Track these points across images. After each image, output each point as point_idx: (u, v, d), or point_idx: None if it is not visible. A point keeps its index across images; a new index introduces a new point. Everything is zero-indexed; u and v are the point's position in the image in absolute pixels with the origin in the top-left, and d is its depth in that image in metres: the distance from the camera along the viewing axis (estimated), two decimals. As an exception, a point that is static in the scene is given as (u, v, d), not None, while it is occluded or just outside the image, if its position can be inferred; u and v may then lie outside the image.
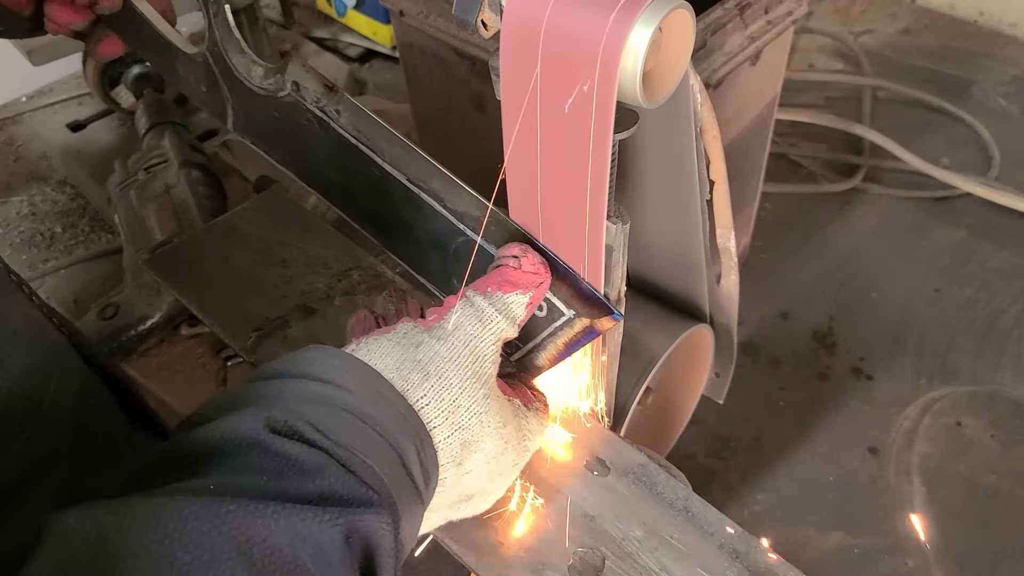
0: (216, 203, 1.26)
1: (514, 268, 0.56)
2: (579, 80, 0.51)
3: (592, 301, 0.58)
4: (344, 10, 1.71)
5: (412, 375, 0.51)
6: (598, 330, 0.59)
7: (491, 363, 0.54)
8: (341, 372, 0.50)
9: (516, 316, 0.55)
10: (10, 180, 1.52)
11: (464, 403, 0.52)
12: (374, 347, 0.53)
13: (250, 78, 0.67)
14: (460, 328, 0.54)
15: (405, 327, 0.54)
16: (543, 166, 0.59)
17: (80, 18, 0.79)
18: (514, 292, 0.55)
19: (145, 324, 1.15)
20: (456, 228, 0.61)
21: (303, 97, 0.65)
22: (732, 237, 0.88)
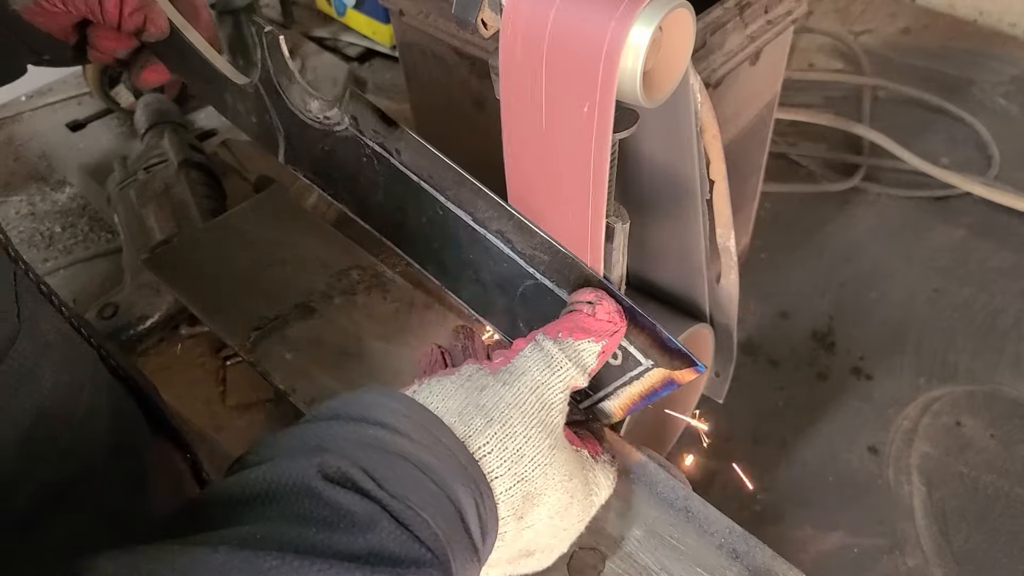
0: (215, 203, 1.26)
1: (588, 315, 0.54)
2: (579, 79, 0.51)
3: (672, 351, 0.55)
4: (344, 9, 1.71)
5: (475, 421, 0.49)
6: (678, 382, 0.56)
7: (558, 412, 0.52)
8: (400, 416, 0.48)
9: (587, 364, 0.53)
10: (9, 179, 1.52)
11: (528, 453, 0.49)
12: (436, 389, 0.51)
13: (305, 111, 0.65)
14: (528, 373, 0.51)
15: (470, 369, 0.52)
16: (542, 166, 0.59)
17: (124, 45, 0.76)
18: (586, 339, 0.53)
19: (144, 324, 1.15)
20: (525, 271, 0.59)
21: (361, 131, 0.62)
22: (732, 236, 0.88)
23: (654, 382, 0.57)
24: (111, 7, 0.69)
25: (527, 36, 0.51)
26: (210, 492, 0.44)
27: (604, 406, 0.61)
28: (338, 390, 0.94)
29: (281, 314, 1.02)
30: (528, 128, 0.57)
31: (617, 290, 0.55)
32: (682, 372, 0.56)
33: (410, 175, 0.61)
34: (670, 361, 0.56)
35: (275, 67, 0.65)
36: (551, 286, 0.58)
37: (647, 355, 0.56)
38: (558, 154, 0.57)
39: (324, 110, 0.64)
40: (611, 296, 0.55)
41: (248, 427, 1.07)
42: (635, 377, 0.58)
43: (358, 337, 1.00)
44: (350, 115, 0.62)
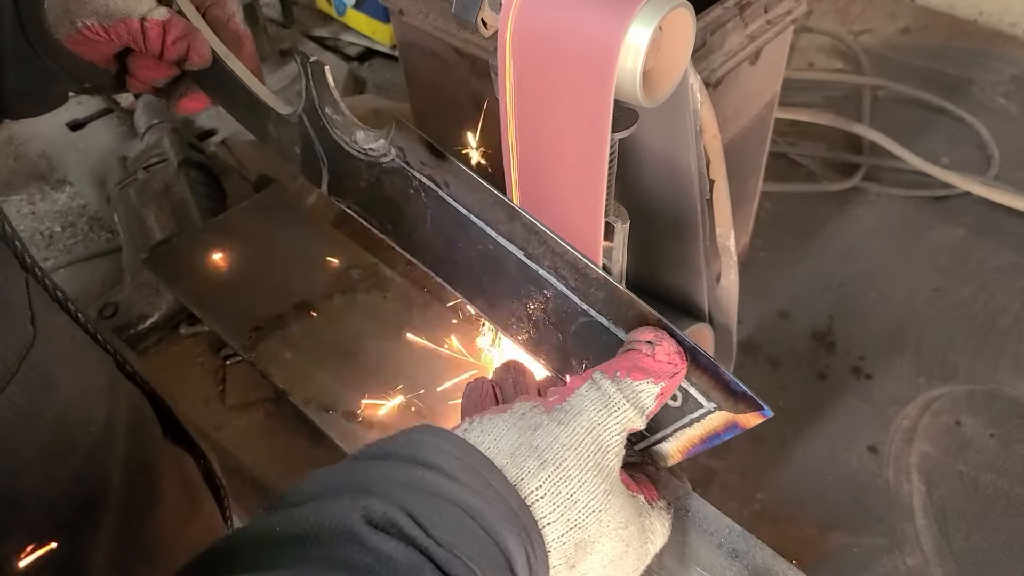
0: (215, 202, 1.26)
1: (647, 355, 0.52)
2: (579, 79, 0.51)
3: (737, 394, 0.53)
4: (344, 9, 1.71)
5: (527, 462, 0.47)
6: (743, 426, 0.54)
7: (615, 455, 0.50)
8: (450, 458, 0.46)
9: (645, 406, 0.51)
10: (10, 179, 1.52)
11: (583, 498, 0.47)
12: (488, 428, 0.49)
13: (350, 142, 0.64)
14: (583, 413, 0.49)
15: (523, 407, 0.50)
16: (542, 165, 0.59)
17: (163, 74, 0.76)
18: (645, 380, 0.51)
19: (144, 323, 1.15)
20: (579, 308, 0.57)
21: (408, 163, 0.61)
22: (732, 236, 0.88)
23: (716, 425, 0.55)
24: (154, 36, 0.68)
25: (527, 36, 0.51)
26: (251, 528, 0.43)
27: (661, 448, 0.58)
28: (338, 389, 0.94)
29: (281, 313, 1.02)
30: (528, 128, 0.57)
31: (677, 330, 0.53)
32: (747, 416, 0.53)
33: (459, 208, 0.60)
34: (734, 404, 0.53)
35: (320, 98, 0.65)
36: (607, 324, 0.56)
37: (709, 397, 0.54)
38: (558, 153, 0.57)
39: (370, 141, 0.63)
40: (671, 336, 0.53)
41: (248, 426, 1.07)
42: (695, 420, 0.55)
43: (358, 336, 1.00)
44: (397, 146, 0.61)
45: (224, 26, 0.76)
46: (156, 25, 0.68)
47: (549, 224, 0.57)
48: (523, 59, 0.52)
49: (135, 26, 0.68)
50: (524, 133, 0.58)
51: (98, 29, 0.68)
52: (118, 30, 0.68)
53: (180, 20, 0.70)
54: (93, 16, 0.67)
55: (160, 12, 0.68)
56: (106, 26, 0.68)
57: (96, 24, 0.68)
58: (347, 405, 0.93)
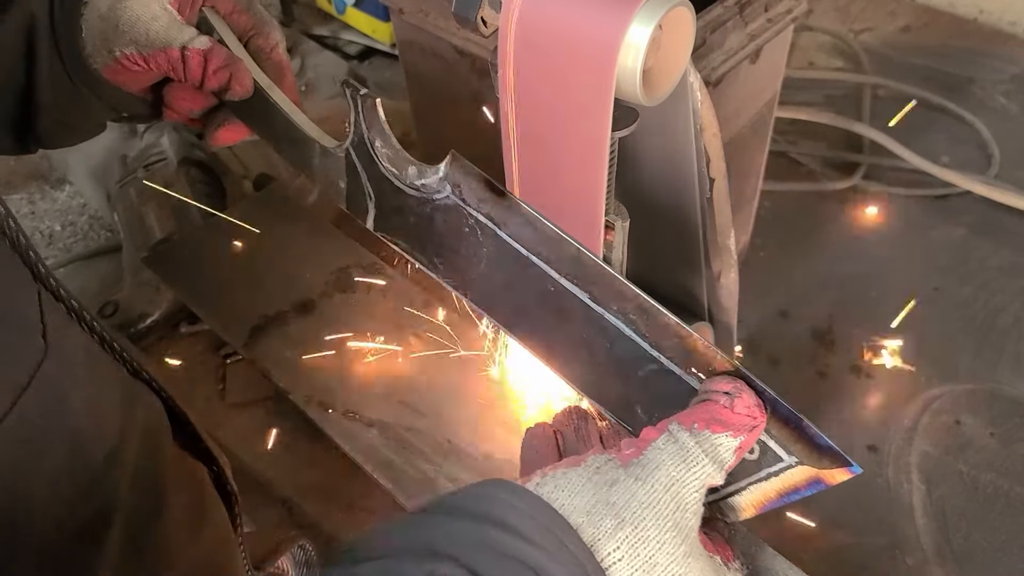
0: (215, 201, 1.26)
1: (725, 407, 0.49)
2: (579, 78, 0.51)
3: (822, 448, 0.50)
4: (344, 8, 1.71)
5: (604, 522, 0.44)
6: (827, 483, 0.51)
7: (693, 514, 0.47)
8: (524, 517, 0.43)
9: (724, 461, 0.48)
10: (10, 178, 1.52)
11: (662, 561, 0.45)
12: (563, 484, 0.46)
13: (401, 177, 0.62)
14: (661, 468, 0.47)
15: (598, 460, 0.48)
16: (542, 164, 0.59)
17: (201, 105, 0.73)
18: (724, 433, 0.48)
19: (145, 322, 1.15)
20: (648, 355, 0.55)
21: (465, 200, 0.59)
22: (732, 235, 0.88)
23: (796, 480, 0.52)
24: (195, 65, 0.66)
25: (527, 34, 0.51)
26: None
27: (733, 501, 0.55)
28: (337, 388, 0.94)
29: (281, 312, 1.02)
30: (528, 127, 0.57)
31: (756, 379, 0.51)
32: (832, 472, 0.50)
33: (519, 248, 0.58)
34: (818, 459, 0.51)
35: (370, 131, 0.63)
36: (678, 372, 0.54)
37: (790, 451, 0.51)
38: (557, 152, 0.57)
39: (423, 176, 0.61)
40: (750, 386, 0.51)
41: (247, 424, 1.07)
42: (773, 474, 0.53)
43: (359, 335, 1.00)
44: (452, 183, 0.59)
45: (267, 56, 0.74)
46: (197, 54, 0.66)
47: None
48: (523, 58, 0.52)
49: (175, 55, 0.66)
50: (524, 132, 0.58)
51: (137, 58, 0.66)
52: (158, 59, 0.66)
53: (222, 49, 0.68)
54: (132, 45, 0.65)
55: (201, 41, 0.66)
56: (145, 55, 0.66)
57: (135, 53, 0.66)
58: (347, 404, 0.93)
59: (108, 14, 0.65)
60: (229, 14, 0.73)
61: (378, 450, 0.88)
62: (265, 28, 0.75)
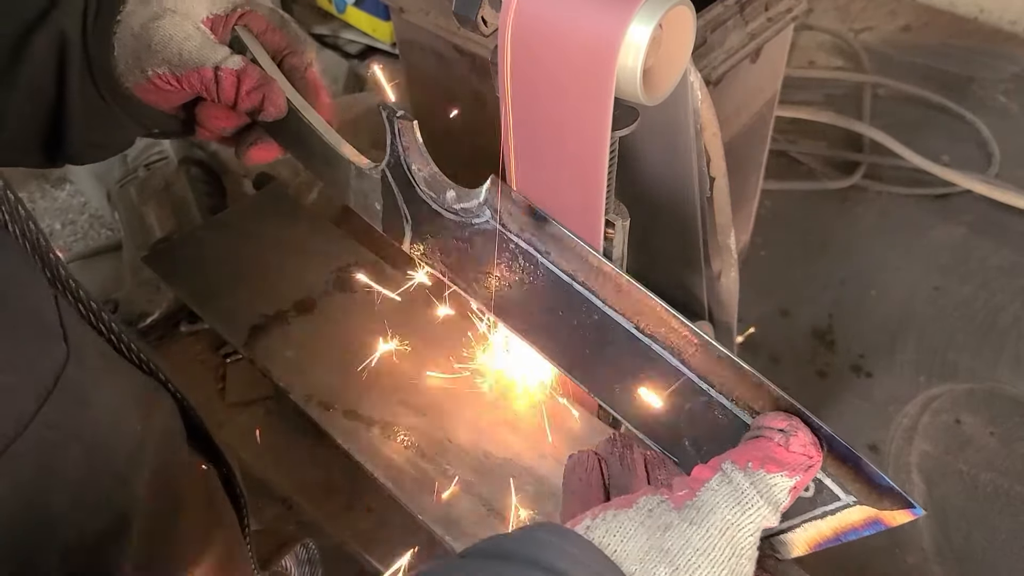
0: (215, 200, 1.26)
1: (780, 444, 0.48)
2: (579, 77, 0.51)
3: (881, 488, 0.48)
4: (344, 7, 1.71)
5: (658, 570, 0.43)
6: (886, 524, 0.49)
7: (748, 560, 0.46)
8: (575, 563, 0.42)
9: (779, 502, 0.47)
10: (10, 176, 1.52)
11: None
12: (614, 527, 0.45)
13: (439, 200, 0.61)
14: (716, 511, 0.45)
15: (650, 502, 0.47)
16: (542, 163, 0.59)
17: (233, 124, 0.72)
18: (779, 473, 0.47)
19: (145, 321, 1.15)
20: (697, 387, 0.54)
21: (505, 226, 0.58)
22: (732, 234, 0.88)
23: (853, 521, 0.51)
24: (228, 85, 0.65)
25: (527, 34, 0.51)
26: None
27: (786, 538, 0.53)
28: (338, 387, 0.94)
29: (281, 311, 1.02)
30: (528, 126, 0.57)
31: (812, 416, 0.49)
32: (893, 514, 0.48)
33: (561, 275, 0.57)
34: (877, 499, 0.49)
35: (406, 153, 0.62)
36: (729, 406, 0.53)
37: (847, 490, 0.50)
38: (558, 151, 0.57)
39: (463, 201, 0.60)
40: (806, 423, 0.49)
41: (248, 424, 1.07)
42: (829, 512, 0.51)
43: (359, 334, 1.00)
44: (492, 207, 0.58)
45: (301, 75, 0.73)
46: (231, 75, 0.65)
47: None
48: (523, 57, 0.52)
49: (208, 75, 0.65)
50: (524, 131, 0.58)
51: (169, 78, 0.65)
52: (191, 79, 0.65)
53: (255, 69, 0.66)
54: (165, 65, 0.65)
55: (235, 61, 0.65)
56: (178, 75, 0.65)
57: (168, 73, 0.65)
58: (347, 403, 0.93)
59: (141, 33, 0.65)
60: (262, 33, 0.72)
61: (378, 449, 0.88)
62: (299, 47, 0.74)
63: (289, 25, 0.74)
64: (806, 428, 0.49)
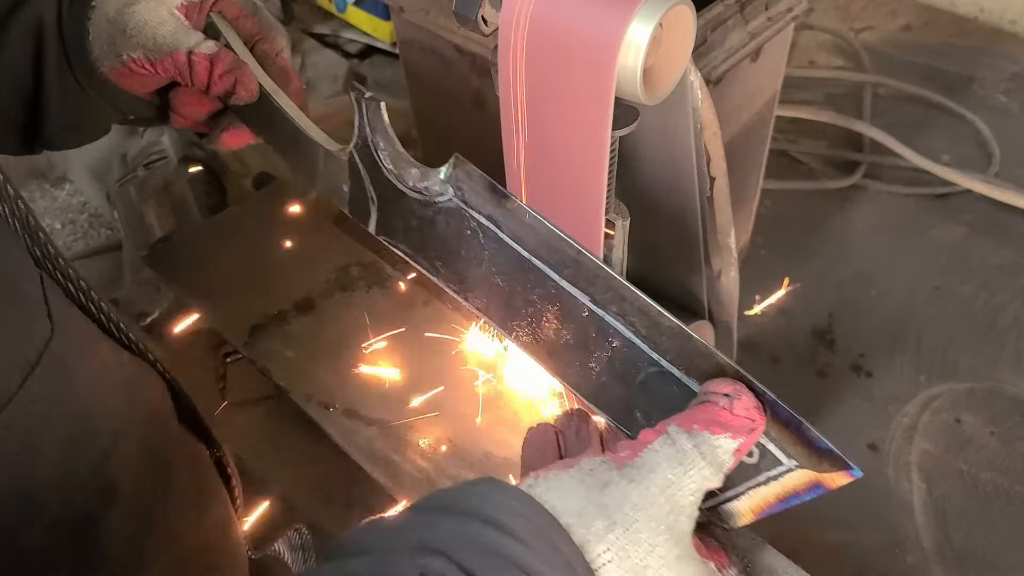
0: (215, 199, 1.26)
1: (724, 408, 0.49)
2: (579, 77, 0.51)
3: (822, 451, 0.50)
4: (344, 6, 1.71)
5: (596, 523, 0.44)
6: (827, 486, 0.51)
7: (688, 517, 0.47)
8: (516, 516, 0.43)
9: (723, 463, 0.48)
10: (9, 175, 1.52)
11: (654, 564, 0.44)
12: (555, 485, 0.46)
13: (404, 179, 0.62)
14: (657, 471, 0.47)
15: (592, 462, 0.48)
16: (543, 163, 0.59)
17: (207, 109, 0.74)
18: (723, 435, 0.48)
19: (144, 321, 1.15)
20: (648, 357, 0.54)
21: (466, 202, 0.59)
22: (732, 233, 0.88)
23: (796, 484, 0.52)
24: (201, 69, 0.67)
25: (527, 33, 0.51)
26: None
27: (730, 507, 0.54)
28: (338, 387, 0.94)
29: (281, 311, 1.02)
30: (528, 125, 0.57)
31: (756, 381, 0.51)
32: (833, 476, 0.50)
33: (519, 250, 0.57)
34: (818, 462, 0.50)
35: (373, 134, 0.63)
36: (679, 375, 0.54)
37: (789, 454, 0.51)
38: (558, 151, 0.57)
39: (425, 179, 0.61)
40: (749, 387, 0.50)
41: (247, 423, 1.07)
42: (773, 477, 0.52)
43: (358, 334, 1.00)
44: (455, 185, 0.59)
45: (272, 61, 0.75)
46: (204, 59, 0.67)
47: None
48: (523, 57, 0.52)
49: (182, 60, 0.67)
50: (525, 131, 0.58)
51: (144, 62, 0.67)
52: (165, 63, 0.67)
53: (228, 54, 0.68)
54: (140, 49, 0.66)
55: (208, 46, 0.67)
56: (152, 60, 0.67)
57: (142, 57, 0.66)
58: (347, 403, 0.93)
59: (116, 18, 0.66)
60: (235, 19, 0.74)
61: (378, 449, 0.88)
62: (271, 33, 0.76)
63: (261, 12, 0.76)
64: (750, 393, 0.50)
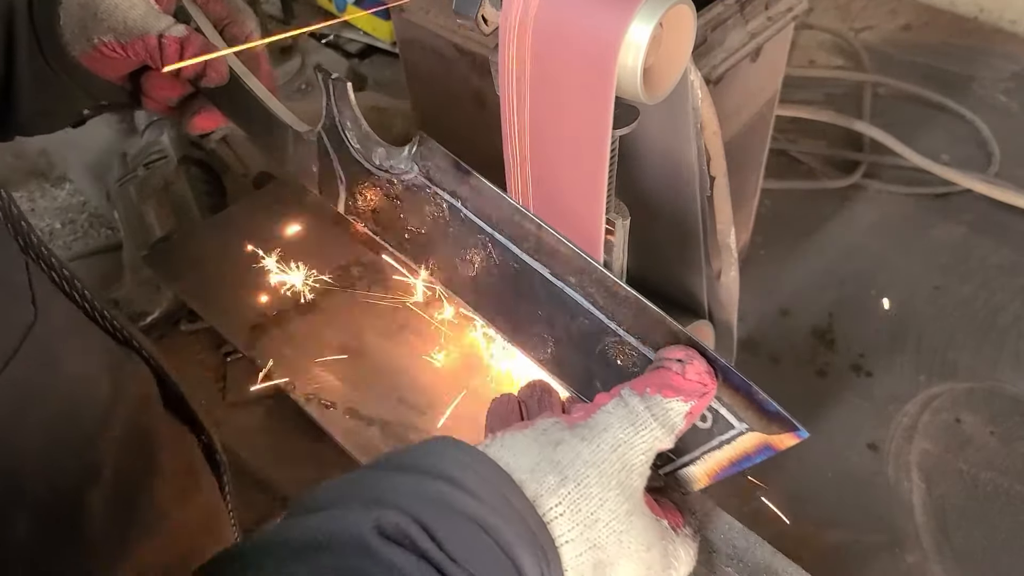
0: (215, 199, 1.26)
1: (677, 373, 0.50)
2: (580, 76, 0.51)
3: (771, 414, 0.51)
4: (344, 6, 1.71)
5: (548, 478, 0.46)
6: (776, 447, 0.52)
7: (639, 475, 0.49)
8: (468, 471, 0.45)
9: (674, 425, 0.49)
10: (9, 176, 1.52)
11: (604, 518, 0.46)
12: (509, 443, 0.48)
13: (371, 159, 0.63)
14: (609, 430, 0.48)
15: (546, 423, 0.49)
16: (543, 162, 0.59)
17: (178, 92, 0.75)
18: (675, 398, 0.49)
19: (145, 320, 1.15)
20: (606, 327, 0.55)
21: (430, 179, 0.60)
22: (732, 233, 0.88)
23: (747, 447, 0.53)
24: (172, 52, 0.68)
25: (527, 33, 0.51)
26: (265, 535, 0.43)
27: (687, 472, 0.56)
28: (338, 386, 0.94)
29: (281, 311, 1.02)
30: (528, 125, 0.57)
31: (709, 348, 0.52)
32: (781, 437, 0.52)
33: (482, 224, 0.58)
34: (767, 425, 0.52)
35: (340, 115, 0.64)
36: (635, 343, 0.55)
37: (740, 418, 0.52)
38: (559, 151, 0.57)
39: (391, 158, 0.62)
40: (702, 355, 0.52)
41: (248, 423, 1.07)
42: (726, 441, 0.54)
43: (358, 333, 1.00)
44: (419, 163, 0.60)
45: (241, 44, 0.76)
46: (174, 42, 0.67)
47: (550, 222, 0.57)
48: (524, 56, 0.52)
49: (153, 43, 0.67)
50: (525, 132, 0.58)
51: (115, 46, 0.67)
52: (135, 47, 0.67)
53: (198, 37, 0.69)
54: (110, 33, 0.67)
55: (178, 29, 0.68)
56: (123, 43, 0.67)
57: (113, 41, 0.67)
58: (347, 402, 0.93)
59: (87, 2, 0.66)
60: (205, 3, 0.75)
61: (378, 448, 0.88)
62: (240, 16, 0.77)
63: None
64: (702, 358, 0.51)
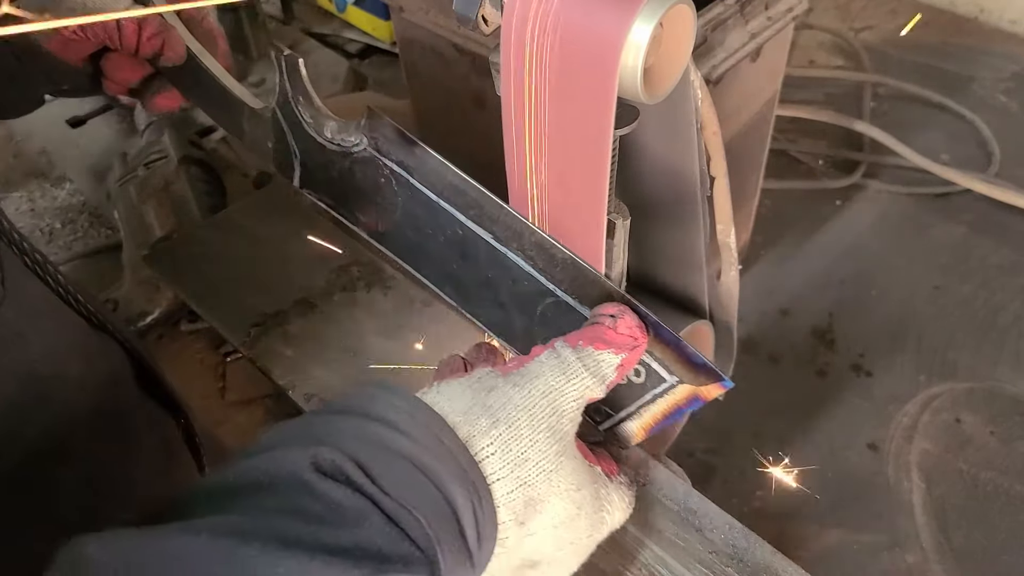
0: (215, 199, 1.26)
1: (609, 327, 0.53)
2: (580, 76, 0.51)
3: (698, 367, 0.54)
4: (344, 6, 1.71)
5: (480, 421, 0.48)
6: (704, 398, 0.55)
7: (569, 420, 0.51)
8: (403, 414, 0.47)
9: (605, 376, 0.52)
10: (9, 176, 1.52)
11: (533, 457, 0.48)
12: (444, 390, 0.50)
13: (323, 133, 0.64)
14: (541, 377, 0.51)
15: (481, 372, 0.52)
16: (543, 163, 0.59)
17: (138, 75, 0.77)
18: (607, 351, 0.52)
19: (144, 320, 1.15)
20: (546, 289, 0.58)
21: (379, 151, 0.61)
22: (732, 233, 0.88)
23: (678, 399, 0.56)
24: (129, 32, 0.69)
25: (528, 33, 0.51)
26: (210, 479, 0.45)
27: (625, 428, 0.60)
28: (338, 386, 0.94)
29: (281, 310, 1.02)
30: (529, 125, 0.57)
31: (640, 305, 0.54)
32: (708, 388, 0.54)
33: (429, 194, 0.60)
34: (695, 377, 0.54)
35: (293, 91, 0.65)
36: (573, 303, 0.57)
37: (671, 371, 0.55)
38: (560, 151, 0.57)
39: (342, 132, 0.63)
40: (634, 311, 0.54)
41: (247, 423, 1.07)
42: (659, 395, 0.57)
43: (358, 333, 1.00)
44: (368, 135, 0.61)
45: (198, 24, 0.77)
46: (132, 22, 0.69)
47: (550, 223, 0.57)
48: (524, 56, 0.52)
49: (111, 24, 0.69)
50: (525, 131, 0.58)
51: (74, 28, 0.68)
52: (94, 28, 0.69)
53: (155, 17, 0.71)
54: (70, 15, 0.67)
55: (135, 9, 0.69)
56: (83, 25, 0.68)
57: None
58: (347, 402, 0.93)
59: None
60: None
61: (378, 448, 0.88)
62: None
63: None
64: (633, 314, 0.54)
